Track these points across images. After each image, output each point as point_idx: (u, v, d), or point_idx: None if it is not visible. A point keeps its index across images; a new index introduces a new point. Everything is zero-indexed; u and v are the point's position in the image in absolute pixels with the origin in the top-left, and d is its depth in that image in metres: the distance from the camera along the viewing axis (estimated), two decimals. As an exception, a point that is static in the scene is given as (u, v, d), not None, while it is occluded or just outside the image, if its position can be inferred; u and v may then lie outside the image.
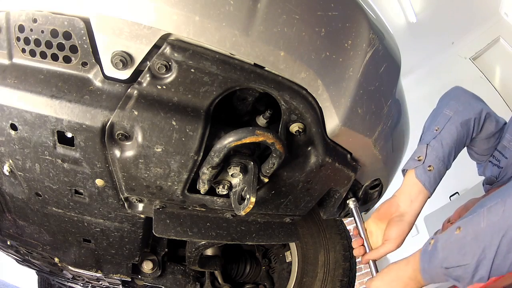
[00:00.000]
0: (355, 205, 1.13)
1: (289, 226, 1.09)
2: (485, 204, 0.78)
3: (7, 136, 0.76)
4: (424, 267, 0.85)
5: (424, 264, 0.85)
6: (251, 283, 1.60)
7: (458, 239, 0.78)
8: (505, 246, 0.72)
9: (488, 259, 0.74)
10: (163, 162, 0.75)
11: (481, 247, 0.75)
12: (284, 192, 0.93)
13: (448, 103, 1.10)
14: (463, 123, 1.05)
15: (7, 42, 0.73)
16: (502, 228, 0.72)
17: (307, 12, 0.72)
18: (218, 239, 0.95)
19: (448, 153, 1.01)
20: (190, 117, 0.72)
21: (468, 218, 0.79)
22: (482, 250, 0.74)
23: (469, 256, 0.76)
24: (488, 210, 0.76)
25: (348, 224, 3.44)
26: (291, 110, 0.79)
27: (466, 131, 1.06)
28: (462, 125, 1.05)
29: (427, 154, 1.00)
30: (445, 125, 1.04)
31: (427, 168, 0.99)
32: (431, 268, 0.83)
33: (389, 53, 0.93)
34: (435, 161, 1.00)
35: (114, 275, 1.12)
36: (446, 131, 1.03)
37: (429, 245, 0.85)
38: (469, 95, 1.15)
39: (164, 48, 0.66)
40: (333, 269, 1.46)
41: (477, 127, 1.08)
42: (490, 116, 1.11)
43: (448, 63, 5.06)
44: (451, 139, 1.02)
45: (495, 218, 0.74)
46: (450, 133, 1.03)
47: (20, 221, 1.02)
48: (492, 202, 0.77)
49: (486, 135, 1.14)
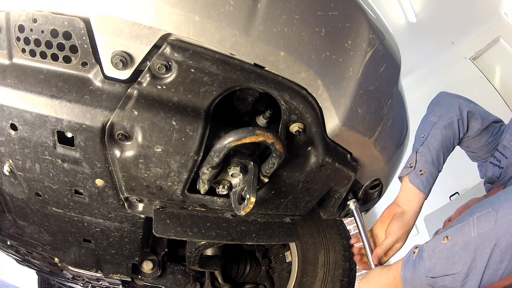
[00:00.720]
0: (355, 206, 1.13)
1: (289, 226, 1.09)
2: (474, 213, 0.78)
3: (7, 136, 0.76)
4: (406, 276, 0.84)
5: (406, 274, 0.84)
6: (251, 283, 1.60)
7: (447, 248, 0.78)
8: (497, 255, 0.72)
9: (479, 268, 0.74)
10: (163, 162, 0.75)
11: (471, 256, 0.74)
12: (284, 192, 0.93)
13: (433, 110, 1.21)
14: (446, 126, 1.14)
15: (7, 42, 0.73)
16: (494, 237, 0.72)
17: (307, 12, 0.72)
18: (218, 239, 0.95)
19: (437, 156, 1.10)
20: (190, 117, 0.72)
21: (456, 227, 0.79)
22: (473, 260, 0.74)
23: (459, 265, 0.75)
24: (478, 219, 0.76)
25: (348, 224, 3.44)
26: (291, 110, 0.79)
27: (452, 133, 1.15)
28: (446, 127, 1.14)
29: (417, 160, 1.10)
30: (430, 131, 1.14)
31: (419, 172, 1.08)
32: (414, 278, 0.83)
33: (389, 53, 0.93)
34: (425, 165, 1.09)
35: (114, 275, 1.12)
36: (431, 136, 1.13)
37: (413, 254, 0.85)
38: (452, 98, 1.23)
39: (164, 48, 0.66)
40: (333, 269, 1.46)
41: (462, 127, 1.17)
42: (474, 114, 1.18)
43: (448, 63, 5.05)
44: (437, 143, 1.12)
45: (487, 227, 0.74)
46: (436, 138, 1.12)
47: (20, 221, 1.02)
48: (481, 212, 0.77)
49: (474, 133, 1.21)
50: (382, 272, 0.92)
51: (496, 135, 1.22)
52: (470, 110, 1.17)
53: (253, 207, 0.75)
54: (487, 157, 1.28)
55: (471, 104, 1.20)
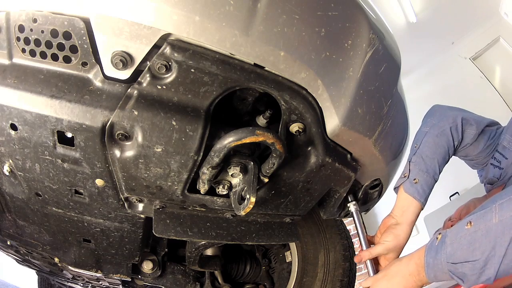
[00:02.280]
0: (356, 209, 1.14)
1: (289, 226, 1.09)
2: (496, 200, 0.77)
3: (7, 136, 0.76)
4: (428, 263, 0.83)
5: (429, 259, 0.83)
6: (251, 283, 1.60)
7: (469, 234, 0.77)
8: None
9: (498, 257, 0.73)
10: (163, 162, 0.75)
11: (491, 244, 0.73)
12: (284, 192, 0.93)
13: (426, 121, 1.21)
14: (439, 134, 1.14)
15: (7, 42, 0.73)
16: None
17: (307, 12, 0.72)
18: (218, 239, 0.95)
19: (431, 164, 1.10)
20: (190, 117, 0.72)
21: (480, 213, 0.78)
22: (492, 247, 0.73)
23: (479, 252, 0.74)
24: (500, 206, 0.75)
25: (348, 224, 3.44)
26: (291, 110, 0.79)
27: (446, 141, 1.14)
28: (438, 136, 1.14)
29: (410, 170, 1.11)
30: (423, 140, 1.14)
31: (413, 181, 1.08)
32: (436, 264, 0.82)
33: (389, 53, 0.93)
34: (419, 174, 1.09)
35: (114, 275, 1.12)
36: (424, 145, 1.13)
37: (436, 240, 0.84)
38: (444, 109, 1.23)
39: (164, 48, 0.66)
40: (333, 269, 1.46)
41: (456, 134, 1.16)
42: (468, 120, 1.18)
43: (448, 63, 5.05)
44: (430, 151, 1.12)
45: (507, 214, 0.73)
46: (428, 146, 1.12)
47: (20, 221, 1.02)
48: (503, 199, 0.76)
49: (471, 140, 1.20)
50: (402, 262, 0.92)
51: (494, 138, 1.22)
52: (464, 117, 1.17)
53: (253, 207, 0.74)
54: (487, 161, 1.28)
55: (465, 113, 1.21)
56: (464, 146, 1.21)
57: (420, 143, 1.14)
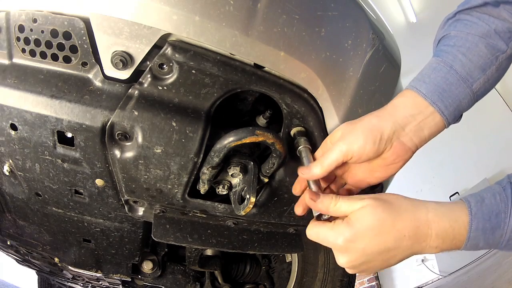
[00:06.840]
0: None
1: (293, 236, 1.05)
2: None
3: (7, 136, 0.76)
4: (486, 228, 0.53)
5: (485, 224, 0.53)
6: (251, 283, 1.60)
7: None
8: None
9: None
10: (162, 163, 0.75)
11: None
12: (287, 199, 0.91)
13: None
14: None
15: (7, 42, 0.73)
16: None
17: (307, 12, 0.72)
18: (218, 247, 0.93)
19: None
20: (190, 119, 0.72)
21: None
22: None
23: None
24: None
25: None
26: (293, 113, 0.79)
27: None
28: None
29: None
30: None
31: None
32: (495, 228, 0.53)
33: (389, 53, 0.92)
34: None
35: (114, 275, 1.12)
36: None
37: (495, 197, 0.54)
38: None
39: (165, 49, 0.66)
40: (333, 269, 1.46)
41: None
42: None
43: (448, 63, 5.04)
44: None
45: None
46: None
47: (20, 221, 1.02)
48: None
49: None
50: (402, 216, 0.54)
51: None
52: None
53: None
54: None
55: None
56: None
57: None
